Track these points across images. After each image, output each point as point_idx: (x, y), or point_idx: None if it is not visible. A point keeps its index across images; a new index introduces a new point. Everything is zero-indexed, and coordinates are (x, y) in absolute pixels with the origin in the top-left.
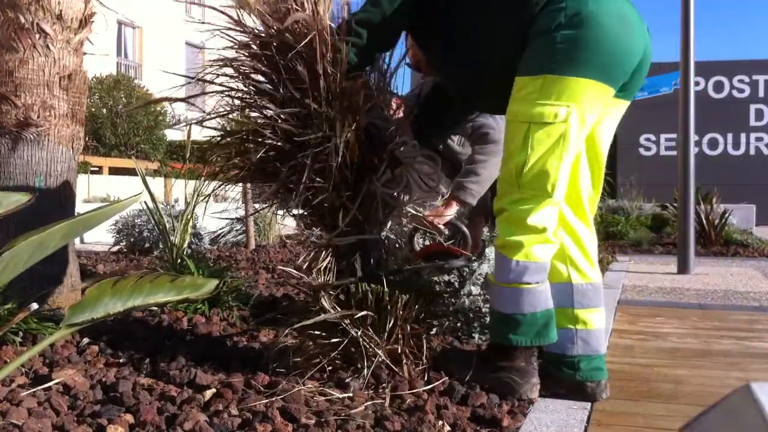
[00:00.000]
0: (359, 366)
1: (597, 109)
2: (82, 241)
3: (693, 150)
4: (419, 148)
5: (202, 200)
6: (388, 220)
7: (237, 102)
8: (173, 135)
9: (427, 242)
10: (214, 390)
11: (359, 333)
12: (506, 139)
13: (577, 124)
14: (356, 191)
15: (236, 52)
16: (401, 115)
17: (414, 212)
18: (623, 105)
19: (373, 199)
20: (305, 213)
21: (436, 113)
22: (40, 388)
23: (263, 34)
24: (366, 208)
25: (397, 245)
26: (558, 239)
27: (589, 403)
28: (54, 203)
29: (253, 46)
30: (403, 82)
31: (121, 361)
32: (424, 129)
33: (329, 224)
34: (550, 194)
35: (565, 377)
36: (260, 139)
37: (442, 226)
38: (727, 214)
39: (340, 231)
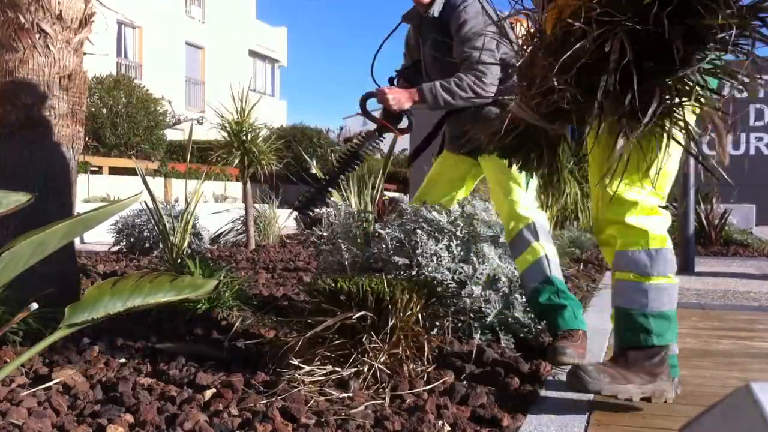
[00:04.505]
0: (359, 366)
1: None
2: (82, 241)
3: (693, 150)
4: None
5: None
6: None
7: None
8: (173, 135)
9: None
10: (214, 390)
11: (361, 335)
12: None
13: None
14: None
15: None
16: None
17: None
18: None
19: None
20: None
21: None
22: (40, 388)
23: None
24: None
25: None
26: None
27: (589, 403)
28: (54, 203)
29: None
30: None
31: (121, 361)
32: None
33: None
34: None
35: None
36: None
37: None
38: (727, 214)
39: None
